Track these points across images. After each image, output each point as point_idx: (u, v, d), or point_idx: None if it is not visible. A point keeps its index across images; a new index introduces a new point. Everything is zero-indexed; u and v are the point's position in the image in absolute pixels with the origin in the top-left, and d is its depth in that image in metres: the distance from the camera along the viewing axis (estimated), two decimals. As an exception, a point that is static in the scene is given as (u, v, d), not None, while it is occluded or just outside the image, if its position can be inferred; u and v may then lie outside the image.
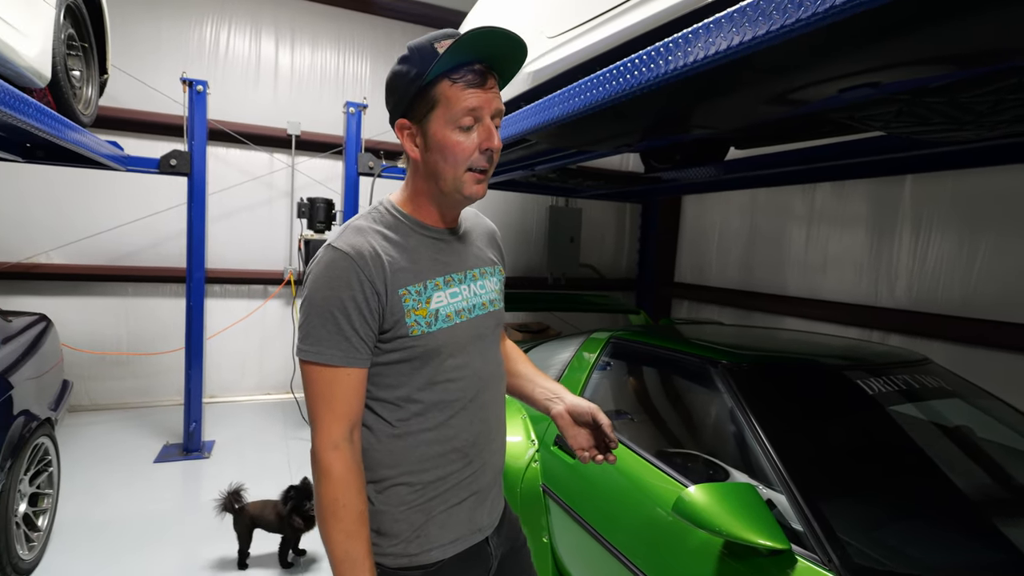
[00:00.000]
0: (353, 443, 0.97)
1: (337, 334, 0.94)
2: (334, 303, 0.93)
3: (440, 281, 1.03)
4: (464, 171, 0.98)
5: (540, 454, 2.19)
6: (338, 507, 0.93)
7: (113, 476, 3.41)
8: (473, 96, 0.94)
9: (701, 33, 1.26)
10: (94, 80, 2.69)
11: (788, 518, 1.36)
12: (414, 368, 1.00)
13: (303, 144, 5.02)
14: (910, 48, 1.20)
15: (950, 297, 3.77)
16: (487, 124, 0.97)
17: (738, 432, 1.63)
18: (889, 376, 1.84)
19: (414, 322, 0.98)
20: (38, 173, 4.19)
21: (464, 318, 1.05)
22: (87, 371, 4.56)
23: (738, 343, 2.24)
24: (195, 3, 4.71)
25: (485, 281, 1.13)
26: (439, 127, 0.95)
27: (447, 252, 1.07)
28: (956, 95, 1.45)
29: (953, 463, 1.72)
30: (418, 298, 0.99)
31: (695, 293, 5.96)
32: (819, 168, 3.33)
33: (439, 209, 1.06)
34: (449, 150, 0.96)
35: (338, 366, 0.94)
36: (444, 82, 0.94)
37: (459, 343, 1.03)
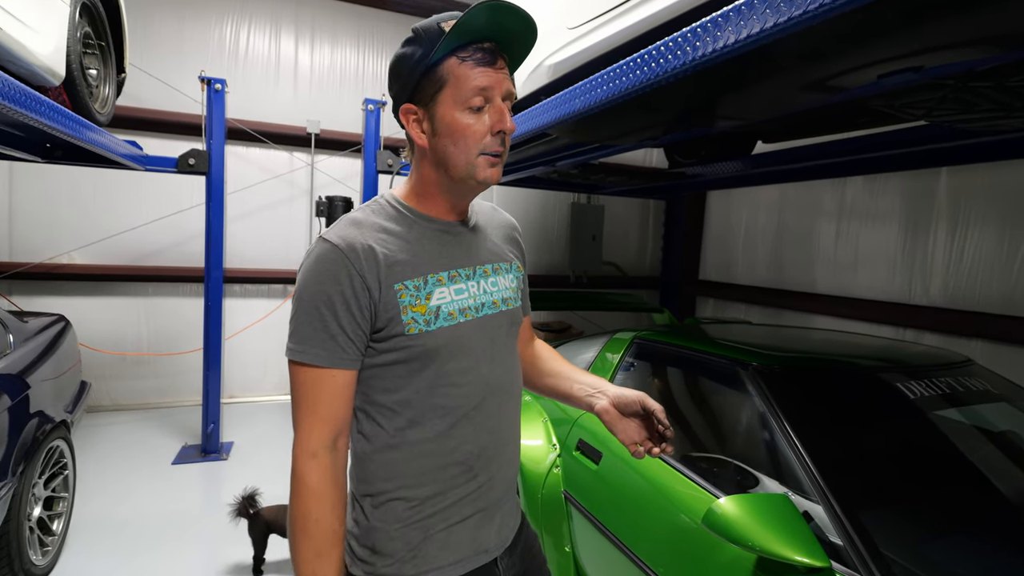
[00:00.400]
0: (336, 451, 0.91)
1: (323, 332, 0.88)
2: (321, 298, 0.88)
3: (443, 276, 0.96)
4: (477, 155, 0.92)
5: (562, 459, 2.14)
6: (309, 522, 0.87)
7: (131, 477, 3.45)
8: (483, 75, 0.89)
9: (732, 16, 1.20)
10: (111, 79, 2.71)
11: (826, 531, 1.29)
12: (412, 371, 0.93)
13: (323, 142, 5.03)
14: (955, 28, 1.13)
15: (989, 294, 3.62)
16: (499, 105, 0.91)
17: (770, 438, 1.56)
18: (930, 379, 1.74)
19: (411, 320, 0.91)
20: (62, 174, 4.27)
21: (470, 317, 0.97)
22: (108, 371, 4.63)
23: (768, 343, 2.16)
24: (216, 3, 4.76)
25: (498, 278, 1.05)
26: (448, 109, 0.90)
27: (454, 245, 1.00)
28: (1004, 79, 1.36)
29: (1000, 471, 1.62)
30: (416, 294, 0.92)
31: (721, 291, 5.84)
32: (850, 161, 3.22)
33: (449, 199, 0.99)
34: (460, 133, 0.90)
35: (323, 367, 0.88)
36: (452, 60, 0.89)
37: (463, 344, 0.96)
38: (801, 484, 1.41)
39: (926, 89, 1.46)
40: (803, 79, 1.49)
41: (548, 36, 2.36)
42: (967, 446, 1.62)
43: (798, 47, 1.29)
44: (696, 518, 1.50)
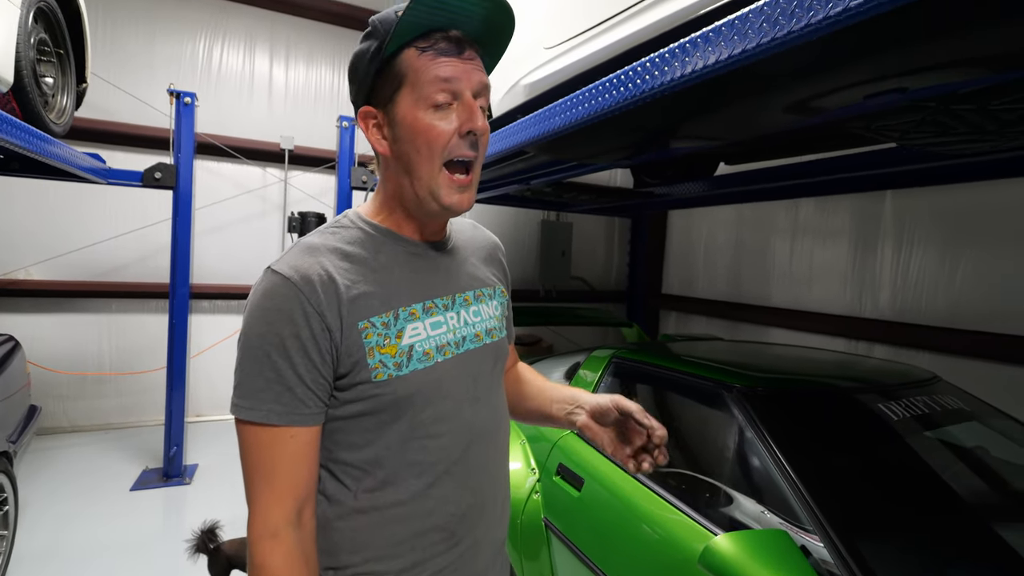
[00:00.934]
0: (301, 527, 0.72)
1: (277, 383, 0.69)
2: (272, 342, 0.70)
3: (417, 308, 0.77)
4: (439, 166, 0.74)
5: (542, 484, 1.98)
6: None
7: (85, 505, 3.11)
8: (446, 65, 0.72)
9: (724, 30, 1.09)
10: (70, 88, 2.46)
11: (826, 566, 1.17)
12: (382, 423, 0.75)
13: (297, 158, 4.80)
14: (945, 49, 1.05)
15: (935, 308, 3.67)
16: (468, 101, 0.73)
17: (760, 464, 1.45)
18: (908, 398, 1.67)
19: (379, 363, 0.73)
20: (19, 186, 3.92)
21: (449, 355, 0.79)
22: (67, 391, 4.25)
23: (744, 362, 2.06)
24: (189, 19, 4.50)
25: (481, 306, 0.87)
26: (408, 109, 0.73)
27: (429, 271, 0.82)
28: (987, 102, 1.30)
29: (979, 491, 1.55)
30: (385, 332, 0.74)
31: (683, 305, 5.83)
32: (804, 184, 3.22)
33: (417, 218, 0.81)
34: (421, 135, 0.73)
35: (279, 425, 0.70)
36: (410, 52, 0.72)
37: (441, 388, 0.78)
38: (795, 513, 1.30)
39: (906, 111, 1.39)
40: (786, 100, 1.41)
41: (524, 55, 2.25)
42: (950, 469, 1.54)
43: (783, 67, 1.21)
44: (685, 551, 1.36)
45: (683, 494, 1.54)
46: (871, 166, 2.55)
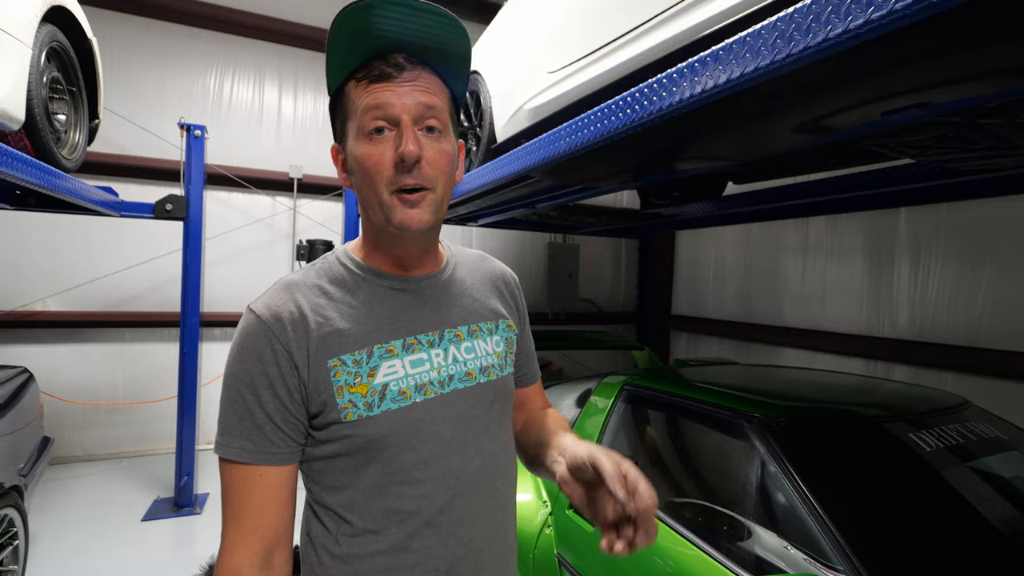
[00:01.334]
0: (270, 571, 0.68)
1: (248, 421, 0.68)
2: (243, 380, 0.68)
3: (396, 346, 0.73)
4: (388, 193, 0.70)
5: (554, 518, 1.88)
6: None
7: (96, 536, 3.04)
8: (377, 91, 0.68)
9: (735, 48, 1.04)
10: (83, 125, 2.47)
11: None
12: (357, 465, 0.70)
13: (305, 187, 4.82)
14: (977, 58, 0.99)
15: (955, 327, 3.53)
16: (403, 125, 0.69)
17: (785, 500, 1.35)
18: (939, 427, 1.56)
19: (348, 403, 0.69)
20: (36, 220, 3.96)
21: (431, 394, 0.73)
22: (81, 420, 4.22)
23: (763, 389, 1.96)
24: (200, 53, 4.57)
25: (477, 342, 0.80)
26: (352, 141, 0.71)
27: (414, 306, 0.77)
28: (1017, 115, 1.23)
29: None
30: (356, 370, 0.70)
31: (693, 325, 5.72)
32: (814, 203, 3.14)
33: (389, 251, 0.77)
34: (361, 167, 0.70)
35: (248, 463, 0.67)
36: (350, 84, 0.71)
37: (420, 430, 0.72)
38: (822, 550, 1.20)
39: (928, 126, 1.32)
40: (797, 120, 1.35)
41: (527, 80, 2.22)
42: (992, 501, 1.42)
43: (797, 85, 1.15)
44: (708, 594, 1.27)
45: (702, 529, 1.44)
46: (884, 183, 2.47)
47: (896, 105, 1.15)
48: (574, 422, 2.17)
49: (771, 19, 0.96)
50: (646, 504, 0.65)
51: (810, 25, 0.90)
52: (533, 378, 0.99)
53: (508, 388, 0.84)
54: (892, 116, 1.21)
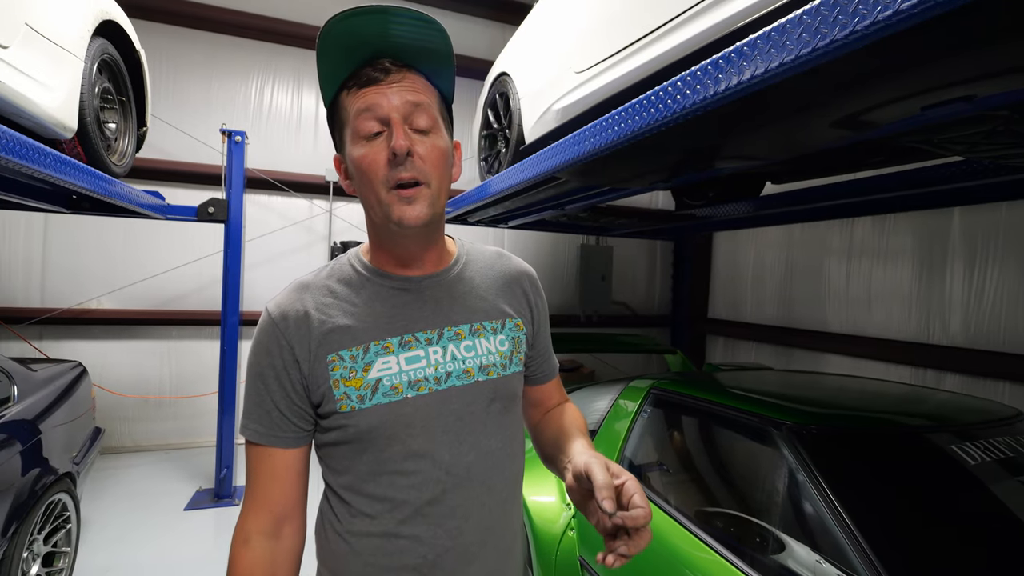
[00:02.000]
0: (278, 540, 0.77)
1: (259, 407, 0.77)
2: (255, 371, 0.77)
3: (392, 343, 0.76)
4: (386, 191, 0.72)
5: (577, 520, 1.87)
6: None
7: (142, 524, 3.20)
8: (367, 94, 0.72)
9: (760, 43, 1.02)
10: (131, 132, 2.61)
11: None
12: (354, 452, 0.77)
13: (341, 190, 4.93)
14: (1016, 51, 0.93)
15: (1015, 334, 3.32)
16: (394, 123, 0.71)
17: (814, 511, 1.30)
18: (986, 439, 1.48)
19: (343, 395, 0.74)
20: (91, 224, 4.20)
21: (425, 390, 0.76)
22: (131, 413, 4.45)
23: (797, 395, 1.90)
24: (242, 61, 4.76)
25: (478, 340, 0.81)
26: (350, 146, 0.75)
27: (414, 305, 0.80)
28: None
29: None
30: (352, 365, 0.75)
31: (730, 329, 5.56)
32: (858, 202, 3.01)
33: (392, 250, 0.80)
34: (358, 168, 0.73)
35: (260, 444, 0.77)
36: (341, 95, 0.76)
37: (409, 424, 0.75)
38: (854, 567, 1.15)
39: (974, 122, 1.25)
40: (832, 115, 1.30)
41: (555, 80, 2.22)
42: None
43: (828, 80, 1.11)
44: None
45: (729, 538, 1.41)
46: (934, 182, 2.34)
47: (935, 99, 1.09)
48: (600, 423, 2.15)
49: (796, 13, 0.93)
50: (635, 518, 0.66)
51: (836, 17, 0.87)
52: (550, 375, 1.01)
53: (511, 387, 0.85)
54: (933, 111, 1.15)
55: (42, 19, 1.72)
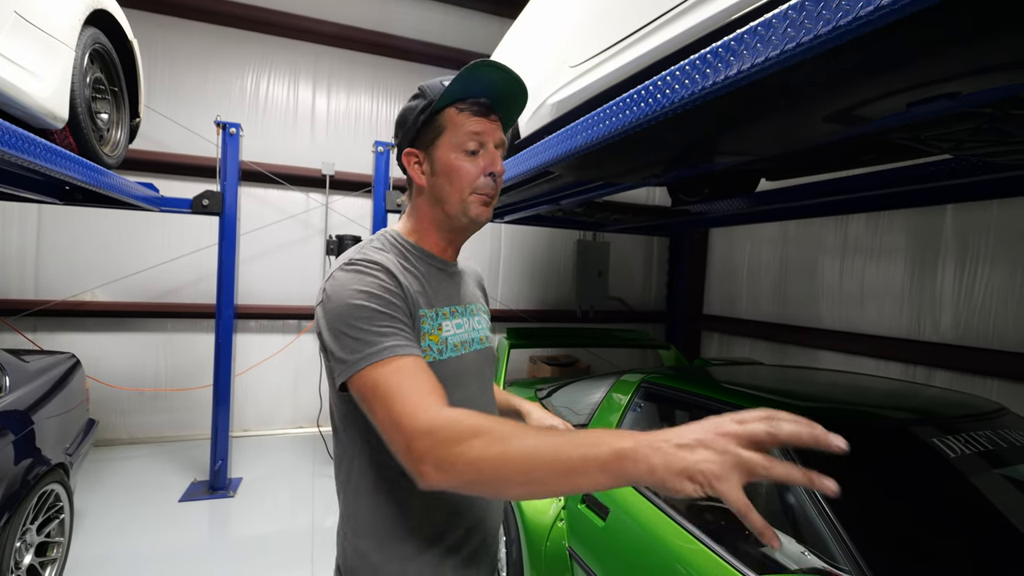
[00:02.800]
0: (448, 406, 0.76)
1: (390, 325, 0.80)
2: (373, 301, 0.81)
3: (447, 311, 0.96)
4: (469, 194, 0.93)
5: (567, 511, 1.89)
6: (513, 462, 0.63)
7: (137, 515, 3.22)
8: (478, 122, 0.93)
9: (747, 39, 1.02)
10: (124, 123, 2.60)
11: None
12: None
13: (337, 183, 4.94)
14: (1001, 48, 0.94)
15: (1004, 332, 3.34)
16: (491, 151, 0.94)
17: (797, 503, 1.32)
18: (968, 433, 1.49)
19: (428, 347, 0.89)
20: (86, 215, 4.20)
21: (467, 350, 0.97)
22: (126, 405, 4.46)
23: (784, 390, 1.91)
24: (238, 54, 4.74)
25: (480, 317, 1.06)
26: (445, 152, 0.93)
27: (450, 284, 1.01)
28: (1052, 105, 1.16)
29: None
30: (432, 323, 0.91)
31: (725, 326, 5.59)
32: (853, 199, 3.02)
33: (444, 237, 0.99)
34: (455, 173, 0.93)
35: (407, 355, 0.78)
36: (451, 110, 0.93)
37: (466, 375, 0.95)
38: (834, 557, 1.17)
39: (959, 119, 1.26)
40: (822, 109, 1.31)
41: (550, 75, 2.22)
42: (1019, 514, 1.35)
43: (811, 75, 1.12)
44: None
45: (714, 529, 1.42)
46: (927, 179, 2.35)
47: (920, 96, 1.10)
48: (592, 415, 2.16)
49: (782, 8, 0.94)
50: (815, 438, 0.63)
51: (820, 12, 0.88)
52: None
53: (496, 354, 1.12)
54: (918, 107, 1.16)
55: (32, 7, 1.71)
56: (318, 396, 4.87)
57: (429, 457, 0.67)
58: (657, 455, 0.57)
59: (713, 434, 0.57)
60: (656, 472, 0.56)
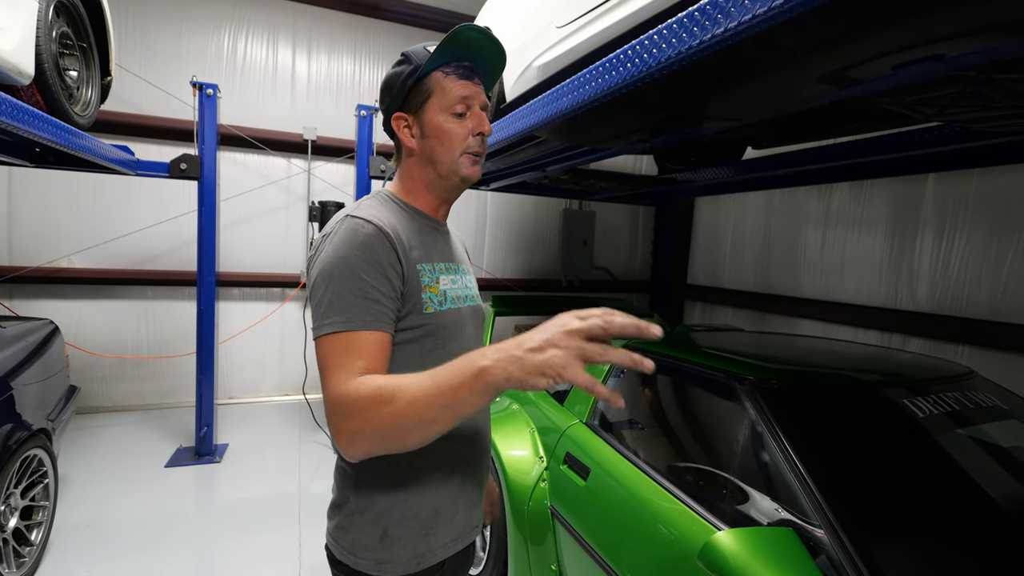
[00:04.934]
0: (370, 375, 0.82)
1: (363, 298, 0.84)
2: (357, 268, 0.84)
3: (443, 266, 1.00)
4: (460, 154, 0.97)
5: (549, 472, 1.93)
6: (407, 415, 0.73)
7: (122, 480, 3.23)
8: (465, 86, 0.96)
9: (722, 2, 1.00)
10: (95, 82, 2.50)
11: (834, 567, 1.09)
12: (423, 351, 0.92)
13: (320, 149, 4.82)
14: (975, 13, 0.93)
15: (977, 300, 3.43)
16: (477, 112, 0.98)
17: (770, 460, 1.36)
18: (937, 394, 1.55)
19: (428, 299, 0.93)
20: (60, 179, 4.06)
21: (462, 305, 1.02)
22: (108, 373, 4.42)
23: (762, 354, 1.95)
24: (214, 12, 4.55)
25: (470, 277, 1.11)
26: (434, 114, 0.96)
27: (443, 242, 1.05)
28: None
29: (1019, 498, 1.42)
30: (431, 276, 0.95)
31: (709, 295, 5.65)
32: (837, 167, 3.03)
33: (438, 196, 1.03)
34: (446, 135, 0.96)
35: (363, 331, 0.83)
36: (437, 74, 0.96)
37: (462, 326, 1.00)
38: (806, 512, 1.21)
39: (944, 83, 1.26)
40: (809, 72, 1.29)
41: (536, 36, 2.16)
42: (983, 471, 1.41)
43: (805, 32, 1.10)
44: (689, 545, 1.30)
45: (691, 487, 1.47)
46: (910, 146, 2.36)
47: (906, 59, 1.09)
48: (574, 383, 2.19)
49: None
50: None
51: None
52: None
53: (484, 314, 1.14)
54: (904, 70, 1.16)
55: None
56: (303, 363, 4.86)
57: (342, 432, 0.77)
58: (514, 364, 0.66)
59: (558, 333, 0.66)
60: (513, 377, 0.66)
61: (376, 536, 0.91)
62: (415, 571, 0.93)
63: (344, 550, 0.93)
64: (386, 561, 0.91)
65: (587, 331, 0.65)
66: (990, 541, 1.22)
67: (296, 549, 2.62)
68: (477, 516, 1.06)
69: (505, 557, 2.04)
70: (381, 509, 0.92)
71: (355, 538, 0.92)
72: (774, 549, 1.07)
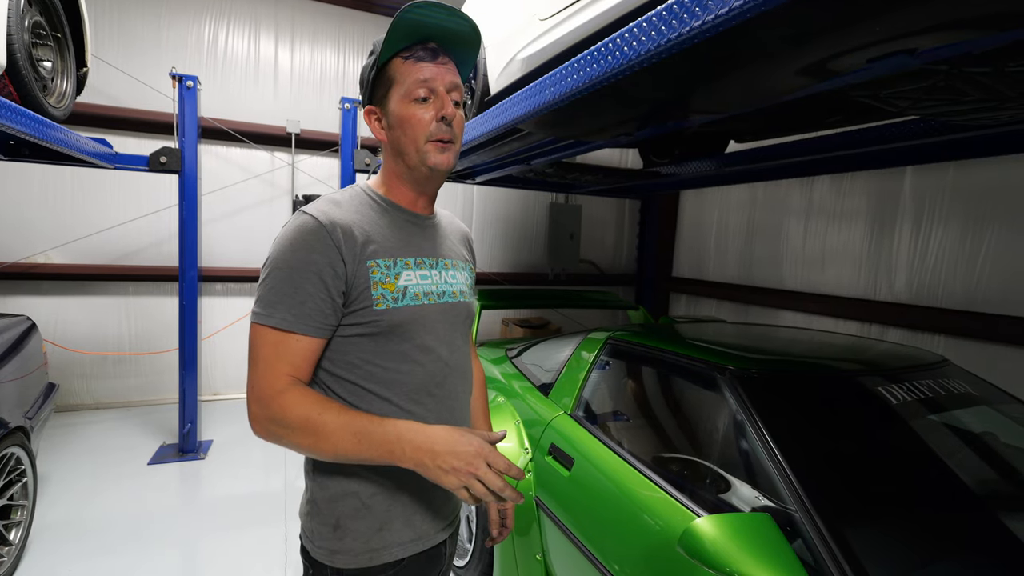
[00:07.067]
0: (302, 384, 0.88)
1: (291, 297, 0.85)
2: (292, 265, 0.85)
3: (411, 261, 0.96)
4: (425, 142, 0.93)
5: (534, 463, 1.94)
6: (322, 436, 0.83)
7: (105, 478, 3.19)
8: (423, 68, 0.92)
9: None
10: (70, 73, 2.44)
11: (810, 551, 1.11)
12: (378, 345, 0.91)
13: (303, 142, 4.77)
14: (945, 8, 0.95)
15: (952, 291, 3.51)
16: (442, 95, 0.94)
17: (749, 447, 1.38)
18: (911, 382, 1.58)
19: (380, 296, 0.90)
20: (36, 172, 3.98)
21: (433, 301, 0.98)
22: (89, 370, 4.34)
23: (743, 345, 1.98)
24: (194, 1, 4.46)
25: (456, 272, 1.06)
26: (397, 104, 0.93)
27: (420, 236, 1.01)
28: (1004, 64, 1.19)
29: (988, 481, 1.46)
30: (387, 272, 0.92)
31: (693, 288, 5.71)
32: (819, 160, 3.07)
33: (412, 189, 1.00)
34: (407, 123, 0.93)
35: (289, 331, 0.85)
36: (396, 60, 0.93)
37: (426, 323, 0.96)
38: (783, 498, 1.24)
39: (916, 76, 1.28)
40: (788, 62, 1.31)
41: (520, 28, 2.16)
42: (954, 456, 1.45)
43: (786, 23, 1.11)
44: (672, 533, 1.32)
45: (673, 476, 1.49)
46: (889, 139, 2.40)
47: (881, 52, 1.11)
48: (560, 372, 2.21)
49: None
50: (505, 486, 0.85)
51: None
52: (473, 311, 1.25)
53: (471, 310, 1.10)
54: (878, 63, 1.18)
55: (-43, -61, 1.57)
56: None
57: (260, 422, 0.84)
58: (421, 468, 0.81)
59: (465, 465, 0.80)
60: (420, 469, 0.82)
61: (329, 526, 0.92)
62: (368, 565, 0.92)
63: (306, 536, 0.96)
64: (338, 552, 0.92)
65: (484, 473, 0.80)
66: (959, 522, 1.26)
67: (282, 545, 2.61)
68: (444, 519, 1.03)
69: (491, 548, 2.06)
70: (334, 500, 0.93)
71: (313, 526, 0.94)
72: (751, 534, 1.09)
